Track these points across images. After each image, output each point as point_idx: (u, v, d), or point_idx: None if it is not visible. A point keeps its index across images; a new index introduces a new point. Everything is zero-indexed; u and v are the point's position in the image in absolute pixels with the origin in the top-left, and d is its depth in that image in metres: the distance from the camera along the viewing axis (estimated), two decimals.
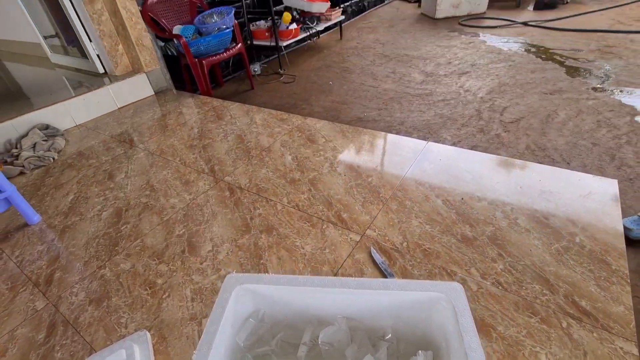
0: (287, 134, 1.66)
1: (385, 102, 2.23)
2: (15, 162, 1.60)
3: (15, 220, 1.28)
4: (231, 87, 2.80)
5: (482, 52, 2.88)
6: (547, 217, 1.02)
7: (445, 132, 1.85)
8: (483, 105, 2.06)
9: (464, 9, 4.01)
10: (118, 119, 2.05)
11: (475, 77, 2.43)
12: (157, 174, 1.47)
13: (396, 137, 1.56)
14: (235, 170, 1.43)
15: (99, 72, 2.32)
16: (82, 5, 2.01)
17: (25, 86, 2.42)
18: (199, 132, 1.78)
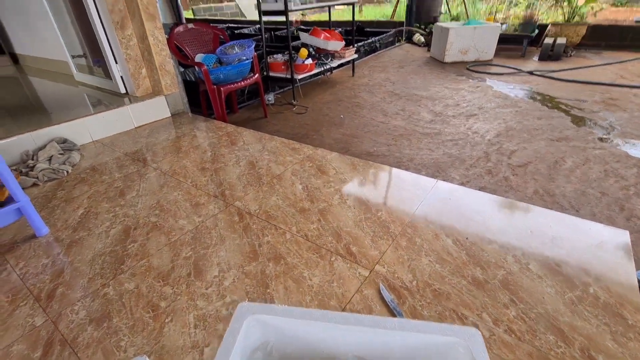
0: (299, 163, 1.69)
1: (394, 139, 2.28)
2: (30, 173, 1.62)
3: (24, 231, 1.28)
4: (245, 114, 2.89)
5: (490, 96, 2.98)
6: (559, 264, 1.01)
7: (453, 171, 1.87)
8: (491, 147, 2.10)
9: (471, 55, 4.20)
10: (134, 138, 2.10)
11: (483, 120, 2.50)
12: (168, 194, 1.48)
13: (406, 174, 1.58)
14: (246, 195, 1.44)
15: (120, 93, 2.41)
16: (113, 30, 2.14)
17: (49, 101, 2.51)
18: (212, 156, 1.82)
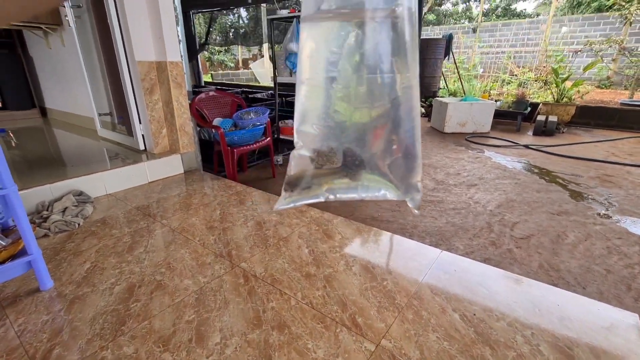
0: (305, 226, 1.73)
1: (398, 205, 2.34)
2: (43, 224, 1.66)
3: (29, 283, 1.28)
4: (254, 173, 3.00)
5: (489, 167, 3.11)
6: (570, 347, 0.98)
7: (457, 241, 1.89)
8: (493, 218, 2.14)
9: (469, 127, 4.47)
10: (147, 193, 2.18)
11: (484, 190, 2.58)
12: (175, 252, 1.50)
13: (411, 242, 1.61)
14: (252, 257, 1.45)
15: (139, 149, 2.55)
16: (142, 95, 2.35)
17: (71, 154, 2.65)
18: (220, 215, 1.86)
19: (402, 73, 0.59)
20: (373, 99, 0.59)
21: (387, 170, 0.63)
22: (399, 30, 0.59)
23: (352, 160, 0.62)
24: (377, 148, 0.62)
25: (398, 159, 0.62)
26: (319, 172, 0.62)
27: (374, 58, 0.59)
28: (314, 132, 0.60)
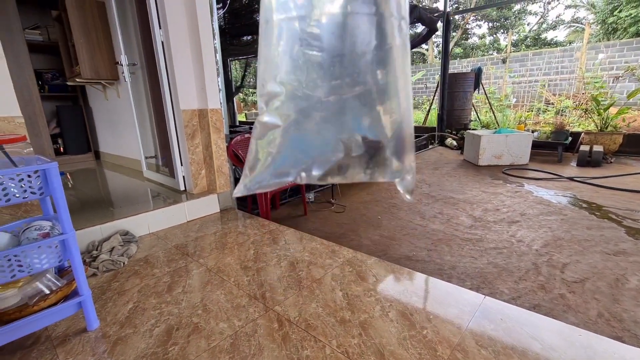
0: (338, 267, 1.71)
1: (434, 243, 2.26)
2: (92, 263, 1.77)
3: (77, 323, 1.34)
4: (286, 211, 3.05)
5: (530, 202, 2.95)
6: None
7: (501, 284, 1.76)
8: (540, 259, 1.99)
9: (506, 160, 4.31)
10: (185, 232, 2.27)
11: (527, 228, 2.43)
12: (211, 293, 1.53)
13: (450, 286, 1.53)
14: (286, 300, 1.44)
15: (179, 190, 2.71)
16: (184, 139, 2.53)
17: (119, 195, 2.86)
18: (254, 254, 1.89)
19: (389, 32, 0.52)
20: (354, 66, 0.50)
21: (375, 149, 0.55)
22: None
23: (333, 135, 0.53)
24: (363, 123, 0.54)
25: (387, 137, 0.55)
26: (289, 146, 0.53)
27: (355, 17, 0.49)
28: (279, 90, 0.51)
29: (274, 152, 0.53)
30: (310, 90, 0.50)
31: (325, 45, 0.48)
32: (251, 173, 0.54)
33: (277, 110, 0.50)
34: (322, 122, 0.52)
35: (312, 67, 0.49)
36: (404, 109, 0.53)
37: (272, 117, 0.51)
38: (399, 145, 0.54)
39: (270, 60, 0.51)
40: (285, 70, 0.50)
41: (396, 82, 0.53)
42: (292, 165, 0.54)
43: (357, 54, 0.50)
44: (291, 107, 0.50)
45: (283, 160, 0.54)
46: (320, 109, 0.51)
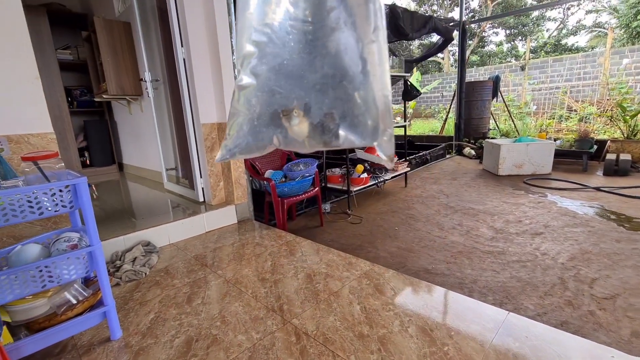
0: (356, 279, 1.69)
1: (453, 256, 2.20)
2: (116, 273, 1.83)
3: (101, 332, 1.38)
4: (302, 222, 3.06)
5: (554, 213, 2.85)
6: None
7: (525, 299, 1.70)
8: (566, 273, 1.91)
9: (527, 169, 4.19)
10: (204, 242, 2.31)
11: (551, 240, 2.34)
12: (229, 304, 1.54)
13: (472, 301, 1.48)
14: (304, 312, 1.44)
15: (198, 201, 2.77)
16: (204, 152, 2.60)
17: (141, 206, 2.95)
18: (271, 266, 1.90)
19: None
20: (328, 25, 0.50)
21: (352, 113, 0.53)
22: None
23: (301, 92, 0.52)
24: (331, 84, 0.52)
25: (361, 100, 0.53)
26: (262, 103, 0.53)
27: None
28: (253, 50, 0.52)
29: (250, 113, 0.54)
30: (280, 48, 0.51)
31: (297, 10, 0.50)
32: (230, 138, 0.56)
33: (252, 70, 0.53)
34: (294, 80, 0.52)
35: (283, 27, 0.51)
36: (376, 77, 0.52)
37: (246, 77, 0.53)
38: (372, 107, 0.53)
39: (245, 23, 0.53)
40: (258, 30, 0.51)
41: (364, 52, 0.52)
42: (268, 125, 0.54)
43: (327, 23, 0.51)
44: (264, 65, 0.52)
45: (258, 120, 0.55)
46: (292, 66, 0.51)
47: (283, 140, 0.55)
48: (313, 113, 0.53)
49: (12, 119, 1.66)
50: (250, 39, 0.53)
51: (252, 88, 0.54)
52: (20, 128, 1.68)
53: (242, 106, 0.55)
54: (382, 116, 0.52)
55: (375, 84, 0.52)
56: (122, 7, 3.82)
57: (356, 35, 0.51)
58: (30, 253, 1.16)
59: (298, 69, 0.52)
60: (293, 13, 0.52)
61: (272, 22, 0.53)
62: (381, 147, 0.53)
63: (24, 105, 1.68)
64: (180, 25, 2.44)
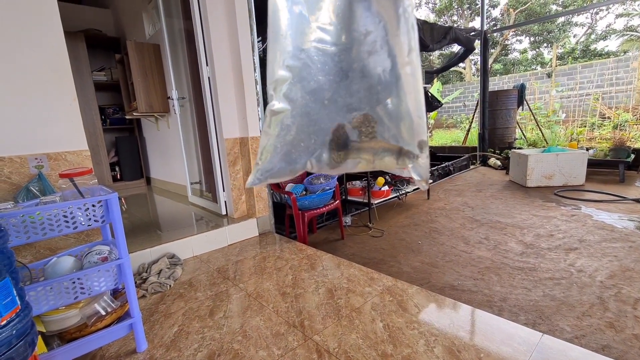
0: (378, 295, 1.65)
1: (480, 272, 2.12)
2: (142, 285, 1.88)
3: (128, 344, 1.41)
4: (323, 235, 3.05)
5: (590, 227, 2.68)
6: None
7: (561, 319, 1.60)
8: (606, 292, 1.79)
9: (557, 180, 4.00)
10: (226, 255, 2.34)
11: (588, 256, 2.20)
12: (251, 318, 1.54)
13: (502, 321, 1.41)
14: (325, 329, 1.42)
15: (221, 214, 2.83)
16: (227, 166, 2.67)
17: (167, 218, 3.05)
18: (292, 280, 1.90)
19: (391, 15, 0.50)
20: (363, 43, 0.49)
21: (387, 134, 0.52)
22: None
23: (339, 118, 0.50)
24: (369, 107, 0.52)
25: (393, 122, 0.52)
26: (297, 129, 0.51)
27: None
28: (287, 75, 0.51)
29: (283, 138, 0.53)
30: (317, 73, 0.51)
31: (332, 35, 0.49)
32: (262, 162, 0.54)
33: (285, 95, 0.51)
34: (330, 104, 0.51)
35: (318, 52, 0.50)
36: (411, 90, 0.51)
37: (280, 102, 0.52)
38: (407, 127, 0.52)
39: (278, 48, 0.52)
40: (293, 55, 0.50)
41: (399, 74, 0.51)
42: (302, 151, 0.53)
43: (363, 48, 0.50)
44: (299, 90, 0.51)
45: (292, 145, 0.53)
46: (328, 90, 0.50)
47: (316, 164, 0.54)
48: (350, 136, 0.53)
49: (52, 138, 1.77)
50: (284, 64, 0.53)
51: (285, 113, 0.53)
52: (58, 146, 1.79)
53: (274, 131, 0.55)
54: (417, 138, 0.51)
55: (410, 105, 0.51)
56: (152, 30, 4.05)
57: (392, 58, 0.51)
58: (64, 265, 1.21)
59: (334, 93, 0.51)
60: (329, 38, 0.51)
61: (307, 47, 0.52)
62: (416, 169, 0.52)
63: (63, 125, 1.80)
64: (206, 45, 2.55)
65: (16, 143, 1.67)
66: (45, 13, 1.70)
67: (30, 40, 1.67)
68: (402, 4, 0.52)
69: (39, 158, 1.73)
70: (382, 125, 0.54)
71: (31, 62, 1.68)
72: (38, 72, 1.70)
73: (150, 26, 4.10)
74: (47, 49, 1.72)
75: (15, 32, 1.63)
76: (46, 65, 1.73)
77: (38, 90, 1.71)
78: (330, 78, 0.52)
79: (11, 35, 1.62)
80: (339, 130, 0.51)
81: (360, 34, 0.50)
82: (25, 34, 1.66)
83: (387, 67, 0.51)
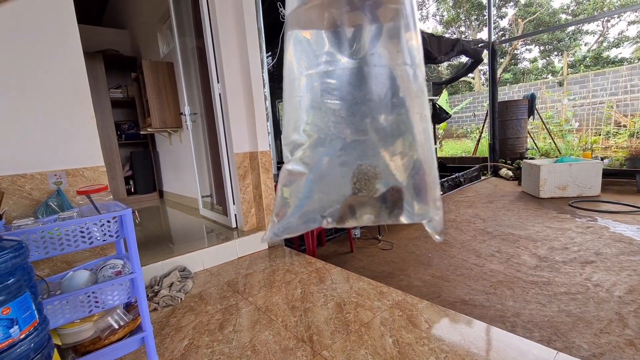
0: (387, 310, 1.64)
1: (493, 286, 2.08)
2: (154, 298, 1.91)
3: (139, 358, 1.43)
4: (332, 248, 3.04)
5: (607, 239, 2.61)
6: None
7: (577, 336, 1.55)
8: (625, 307, 1.73)
9: (572, 191, 3.92)
10: (236, 268, 2.36)
11: (605, 270, 2.14)
12: (260, 333, 1.55)
13: (516, 338, 1.38)
14: (333, 344, 1.41)
15: (231, 227, 2.86)
16: (237, 180, 2.71)
17: (178, 231, 3.10)
18: (301, 294, 1.90)
19: (403, 72, 0.51)
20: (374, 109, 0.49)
21: (393, 189, 0.51)
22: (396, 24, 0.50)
23: (360, 178, 0.50)
24: (383, 163, 0.51)
25: (409, 175, 0.51)
26: (313, 191, 0.51)
27: (371, 57, 0.48)
28: (303, 140, 0.51)
29: (300, 198, 0.54)
30: (332, 138, 0.51)
31: (344, 95, 0.51)
32: (278, 219, 0.55)
33: (302, 159, 0.52)
34: (344, 166, 0.52)
35: (332, 116, 0.51)
36: (423, 148, 0.52)
37: (297, 165, 0.52)
38: (420, 185, 0.52)
39: (294, 112, 0.53)
40: (308, 122, 0.51)
41: (412, 126, 0.52)
42: (318, 211, 0.54)
43: (373, 102, 0.51)
44: (315, 155, 0.52)
45: (309, 205, 0.54)
46: (341, 154, 0.51)
47: (332, 222, 0.54)
48: (365, 196, 0.52)
49: (70, 154, 1.85)
50: (301, 129, 0.53)
51: (301, 176, 0.53)
52: (76, 162, 1.87)
53: (290, 192, 0.55)
54: (430, 187, 0.51)
55: (425, 165, 0.51)
56: (166, 49, 4.21)
57: (410, 115, 0.51)
58: (80, 279, 1.25)
59: (349, 155, 0.51)
60: (351, 95, 0.51)
61: (323, 111, 0.52)
62: (431, 223, 0.51)
63: (81, 142, 1.88)
64: (217, 62, 2.64)
65: (37, 160, 1.75)
66: (66, 36, 1.80)
67: (52, 63, 1.77)
68: (417, 77, 0.53)
69: (58, 174, 1.80)
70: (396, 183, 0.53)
71: (53, 84, 1.77)
72: (59, 93, 1.79)
73: (164, 45, 4.26)
74: (68, 71, 1.82)
75: (38, 55, 1.73)
76: (67, 86, 1.82)
77: (59, 110, 1.80)
78: (346, 142, 0.52)
79: (35, 58, 1.72)
80: (354, 191, 0.52)
81: (375, 101, 0.50)
82: (47, 57, 1.75)
83: (409, 126, 0.51)
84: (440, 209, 0.52)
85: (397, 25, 0.50)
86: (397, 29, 0.50)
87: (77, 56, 1.84)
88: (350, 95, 0.50)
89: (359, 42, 0.50)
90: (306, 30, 0.51)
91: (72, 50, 1.82)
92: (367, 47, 0.49)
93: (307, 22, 0.51)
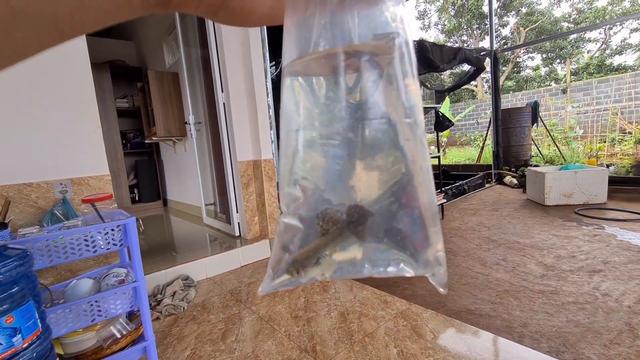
0: (392, 320, 1.62)
1: (499, 295, 2.04)
2: (157, 307, 1.90)
3: None
4: None
5: (614, 247, 2.57)
6: None
7: (587, 347, 1.51)
8: (635, 318, 1.69)
9: (578, 198, 3.88)
10: (239, 277, 2.35)
11: (613, 279, 2.10)
12: (262, 343, 1.53)
13: (523, 349, 1.35)
14: (337, 355, 1.39)
15: (234, 235, 2.86)
16: (240, 188, 2.72)
17: (182, 239, 3.10)
18: (304, 303, 1.88)
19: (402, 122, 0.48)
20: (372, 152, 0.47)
21: (399, 237, 0.47)
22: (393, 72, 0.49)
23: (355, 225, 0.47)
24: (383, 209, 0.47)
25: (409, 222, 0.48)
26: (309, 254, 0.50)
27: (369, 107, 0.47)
28: (299, 195, 0.50)
29: (293, 253, 0.54)
30: (328, 195, 0.50)
31: (342, 145, 0.50)
32: (274, 273, 0.55)
33: (297, 213, 0.52)
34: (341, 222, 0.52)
35: (328, 171, 0.50)
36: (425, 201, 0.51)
37: (292, 220, 0.52)
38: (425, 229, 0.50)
39: (289, 165, 0.53)
40: (303, 177, 0.51)
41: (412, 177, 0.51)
42: (313, 266, 0.54)
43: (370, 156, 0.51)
44: (311, 211, 0.51)
45: (304, 260, 0.54)
46: (339, 210, 0.51)
47: (330, 276, 0.54)
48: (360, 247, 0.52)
49: (76, 164, 1.87)
50: (297, 183, 0.51)
51: (296, 231, 0.52)
52: (82, 171, 1.89)
53: (288, 245, 0.54)
54: (432, 236, 0.49)
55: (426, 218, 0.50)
56: (172, 59, 4.28)
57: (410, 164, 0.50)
58: (83, 288, 1.25)
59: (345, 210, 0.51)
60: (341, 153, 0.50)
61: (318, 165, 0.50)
62: (435, 276, 0.49)
63: (86, 151, 1.90)
64: (221, 72, 2.68)
65: (43, 169, 1.77)
66: (75, 50, 1.84)
67: (59, 74, 1.80)
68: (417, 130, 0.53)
69: (64, 183, 1.82)
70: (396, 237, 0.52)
71: (60, 95, 1.80)
72: (66, 104, 1.82)
73: (170, 56, 4.33)
74: (75, 82, 1.85)
75: (46, 68, 1.76)
76: (74, 98, 1.85)
77: (65, 120, 1.82)
78: (343, 195, 0.52)
79: (43, 69, 1.75)
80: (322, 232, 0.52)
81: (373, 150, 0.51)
82: (56, 70, 1.79)
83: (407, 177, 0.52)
84: (443, 263, 0.51)
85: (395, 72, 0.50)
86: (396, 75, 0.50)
87: (84, 68, 1.87)
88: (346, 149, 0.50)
89: (358, 90, 0.50)
90: (303, 77, 0.51)
91: (79, 64, 1.86)
92: (367, 95, 0.49)
93: (304, 71, 0.51)
